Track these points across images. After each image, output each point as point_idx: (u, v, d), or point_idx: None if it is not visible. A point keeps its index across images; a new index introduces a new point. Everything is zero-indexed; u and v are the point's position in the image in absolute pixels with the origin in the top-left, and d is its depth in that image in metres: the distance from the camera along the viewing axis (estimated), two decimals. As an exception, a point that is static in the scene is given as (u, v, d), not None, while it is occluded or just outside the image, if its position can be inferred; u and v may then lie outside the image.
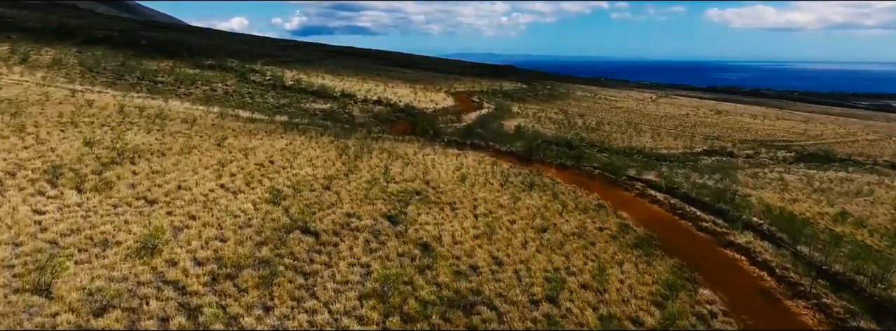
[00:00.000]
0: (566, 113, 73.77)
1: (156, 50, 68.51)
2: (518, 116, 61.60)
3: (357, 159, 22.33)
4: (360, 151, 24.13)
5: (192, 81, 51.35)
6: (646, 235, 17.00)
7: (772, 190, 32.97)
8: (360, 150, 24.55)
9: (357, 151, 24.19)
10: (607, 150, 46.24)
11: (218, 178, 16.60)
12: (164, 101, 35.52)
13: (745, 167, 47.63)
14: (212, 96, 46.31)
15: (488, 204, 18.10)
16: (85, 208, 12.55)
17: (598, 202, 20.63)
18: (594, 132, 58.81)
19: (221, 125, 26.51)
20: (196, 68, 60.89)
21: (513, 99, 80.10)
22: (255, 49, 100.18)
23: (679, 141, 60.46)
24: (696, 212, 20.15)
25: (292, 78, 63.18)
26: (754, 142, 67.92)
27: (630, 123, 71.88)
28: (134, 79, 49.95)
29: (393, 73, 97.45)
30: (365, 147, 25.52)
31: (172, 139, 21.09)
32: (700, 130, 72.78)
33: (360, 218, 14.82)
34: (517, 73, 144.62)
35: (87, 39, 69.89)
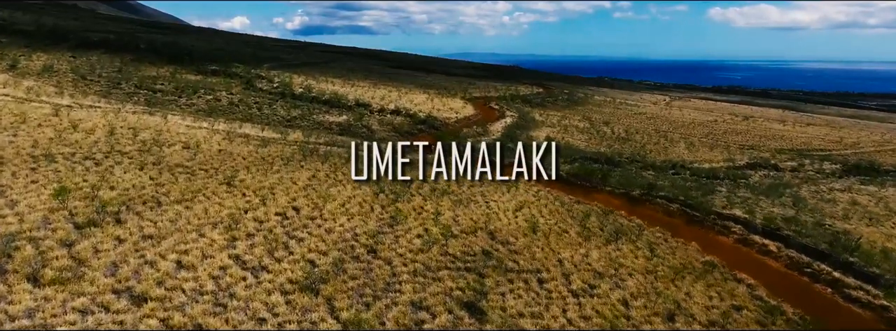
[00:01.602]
0: (590, 120, 69.60)
1: (155, 54, 64.35)
2: (543, 126, 57.41)
3: (397, 200, 18.15)
4: (398, 183, 19.94)
5: (195, 90, 47.20)
6: (799, 318, 12.80)
7: (860, 220, 28.82)
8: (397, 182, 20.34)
9: (394, 184, 20.00)
10: (652, 167, 42.03)
11: (231, 243, 12.42)
12: (163, 116, 31.35)
13: (798, 183, 43.50)
14: (216, 107, 42.14)
15: (581, 271, 13.90)
16: (38, 322, 8.37)
17: (705, 259, 16.43)
18: (626, 143, 54.61)
19: (230, 152, 22.31)
20: (198, 74, 56.75)
21: (532, 105, 75.89)
22: (260, 52, 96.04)
23: (716, 152, 56.25)
24: (829, 270, 15.98)
25: (301, 84, 59.00)
26: (792, 152, 63.70)
27: (658, 131, 67.66)
28: (131, 87, 45.84)
29: (403, 76, 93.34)
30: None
31: (171, 178, 16.89)
32: (732, 138, 68.54)
33: (432, 310, 10.64)
34: (528, 75, 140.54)
35: (83, 43, 65.74)
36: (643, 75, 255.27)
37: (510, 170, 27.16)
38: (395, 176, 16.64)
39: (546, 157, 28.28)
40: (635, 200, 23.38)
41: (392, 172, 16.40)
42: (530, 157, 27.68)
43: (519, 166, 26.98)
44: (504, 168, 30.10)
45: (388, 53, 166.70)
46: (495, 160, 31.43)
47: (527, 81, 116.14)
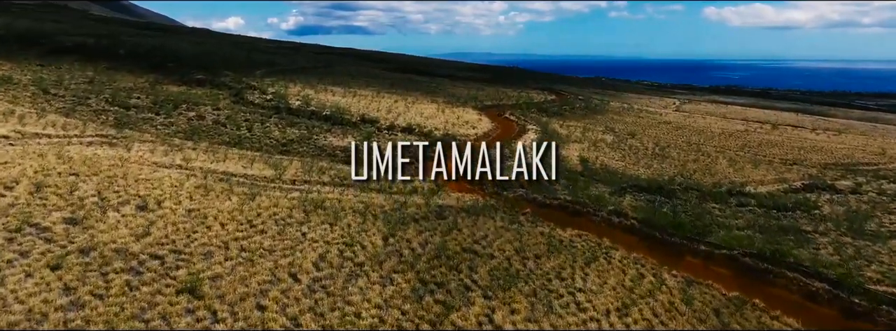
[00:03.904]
0: (614, 132, 63.69)
1: (135, 61, 57.93)
2: (570, 141, 51.36)
3: (449, 309, 12.02)
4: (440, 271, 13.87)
5: (176, 105, 40.89)
6: None
7: None
8: (438, 264, 14.26)
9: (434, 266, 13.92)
10: (709, 195, 36.04)
11: None
12: (127, 147, 25.12)
13: (873, 212, 37.74)
14: (198, 128, 35.83)
15: None
16: None
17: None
18: (664, 161, 48.66)
19: (204, 214, 16.10)
20: (182, 85, 50.38)
21: (549, 114, 69.82)
22: (254, 55, 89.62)
23: (762, 170, 50.35)
24: None
25: (298, 95, 52.76)
26: (838, 167, 57.86)
27: (690, 144, 61.76)
28: (101, 103, 39.50)
29: (407, 82, 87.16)
30: (442, 254, 15.24)
31: (99, 287, 10.70)
32: (769, 151, 62.64)
33: None
34: (532, 78, 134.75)
35: (56, 49, 59.27)
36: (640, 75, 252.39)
37: (581, 223, 21.16)
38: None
39: (582, 185, 24.76)
40: (754, 272, 17.29)
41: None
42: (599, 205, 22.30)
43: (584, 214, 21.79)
44: (549, 209, 24.29)
45: (388, 55, 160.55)
46: (540, 200, 25.47)
47: (535, 86, 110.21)
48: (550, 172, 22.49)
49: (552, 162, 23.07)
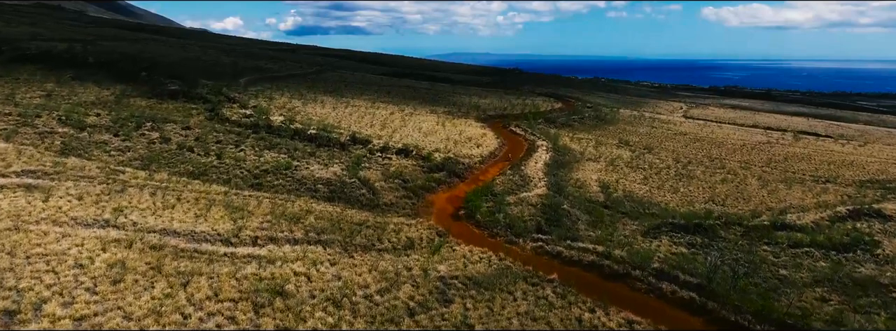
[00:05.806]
0: (629, 146, 58.58)
1: (105, 70, 52.68)
2: (585, 160, 46.20)
3: None
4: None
5: (138, 123, 35.68)
6: None
7: None
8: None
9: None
10: (753, 230, 31.00)
11: None
12: (47, 196, 19.97)
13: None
14: (158, 154, 30.61)
15: None
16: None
17: None
18: (690, 182, 43.54)
19: (100, 322, 10.93)
20: (152, 97, 45.14)
21: (558, 126, 64.64)
22: (241, 61, 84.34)
23: (797, 191, 45.29)
24: None
25: (283, 107, 47.60)
26: (876, 185, 52.71)
27: (712, 159, 56.60)
28: (52, 122, 34.31)
29: (404, 89, 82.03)
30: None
31: None
32: (796, 166, 57.54)
33: None
34: (534, 81, 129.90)
35: (18, 57, 54.01)
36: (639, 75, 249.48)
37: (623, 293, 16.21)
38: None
39: (609, 228, 20.15)
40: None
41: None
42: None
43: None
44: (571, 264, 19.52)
45: (386, 58, 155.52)
46: (565, 255, 20.80)
47: (539, 91, 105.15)
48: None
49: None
